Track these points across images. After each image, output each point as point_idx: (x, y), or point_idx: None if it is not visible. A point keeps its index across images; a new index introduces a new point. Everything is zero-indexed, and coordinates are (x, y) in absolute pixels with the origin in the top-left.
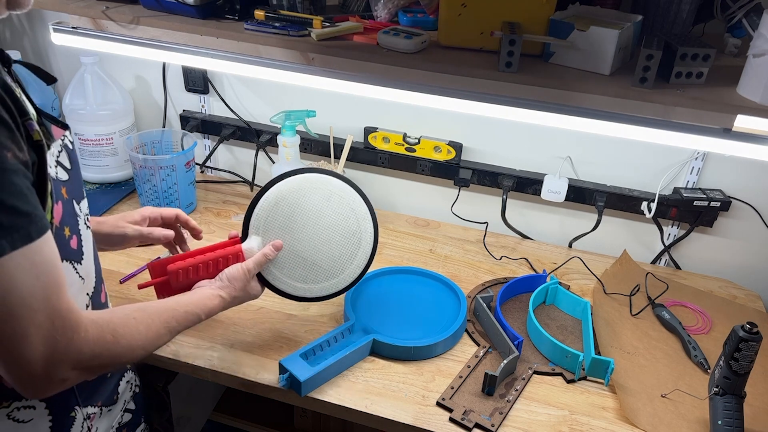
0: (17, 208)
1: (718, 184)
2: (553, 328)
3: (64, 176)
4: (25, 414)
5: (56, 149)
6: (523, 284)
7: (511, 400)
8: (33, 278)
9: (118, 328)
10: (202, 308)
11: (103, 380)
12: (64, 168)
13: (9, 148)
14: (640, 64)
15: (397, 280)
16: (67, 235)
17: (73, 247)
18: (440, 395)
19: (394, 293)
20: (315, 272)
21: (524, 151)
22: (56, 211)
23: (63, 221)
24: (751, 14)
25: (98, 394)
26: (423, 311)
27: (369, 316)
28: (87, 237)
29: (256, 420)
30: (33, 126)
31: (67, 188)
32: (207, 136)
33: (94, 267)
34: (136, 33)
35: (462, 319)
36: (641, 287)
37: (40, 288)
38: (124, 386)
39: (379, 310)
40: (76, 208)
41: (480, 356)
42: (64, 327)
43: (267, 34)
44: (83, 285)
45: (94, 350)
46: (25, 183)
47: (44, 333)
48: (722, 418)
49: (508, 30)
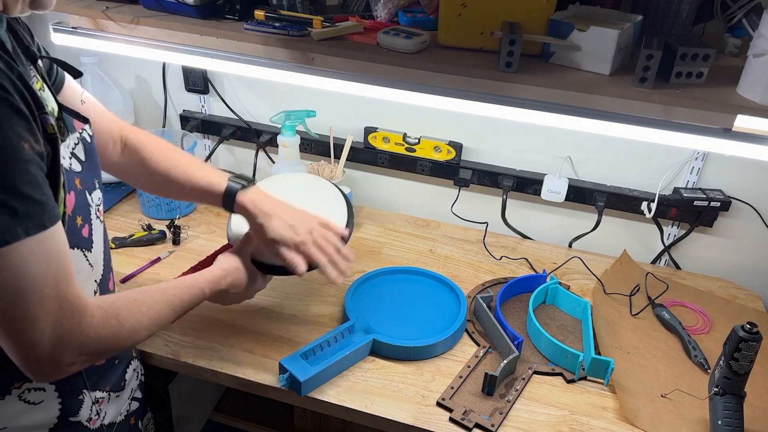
0: (32, 197)
1: (718, 184)
2: (553, 328)
3: (78, 167)
4: (36, 396)
5: (73, 141)
6: (523, 284)
7: (511, 400)
8: (44, 264)
9: (122, 311)
10: (203, 281)
11: (110, 366)
12: (78, 159)
13: (26, 140)
14: (640, 64)
15: (397, 279)
16: (80, 224)
17: (84, 236)
18: (440, 395)
19: (394, 293)
20: None
21: (524, 151)
22: (69, 200)
23: (75, 210)
24: (751, 14)
25: (106, 378)
26: (423, 311)
27: (369, 316)
28: (97, 227)
29: (256, 420)
30: (48, 119)
31: (80, 179)
32: (207, 136)
33: (104, 256)
34: (136, 33)
35: (462, 319)
36: (641, 287)
37: (51, 274)
38: (131, 374)
39: (379, 310)
40: (88, 198)
41: (480, 356)
42: (72, 312)
43: (267, 34)
44: (92, 272)
45: (99, 334)
46: (40, 174)
47: (53, 318)
48: (722, 418)
49: (508, 30)
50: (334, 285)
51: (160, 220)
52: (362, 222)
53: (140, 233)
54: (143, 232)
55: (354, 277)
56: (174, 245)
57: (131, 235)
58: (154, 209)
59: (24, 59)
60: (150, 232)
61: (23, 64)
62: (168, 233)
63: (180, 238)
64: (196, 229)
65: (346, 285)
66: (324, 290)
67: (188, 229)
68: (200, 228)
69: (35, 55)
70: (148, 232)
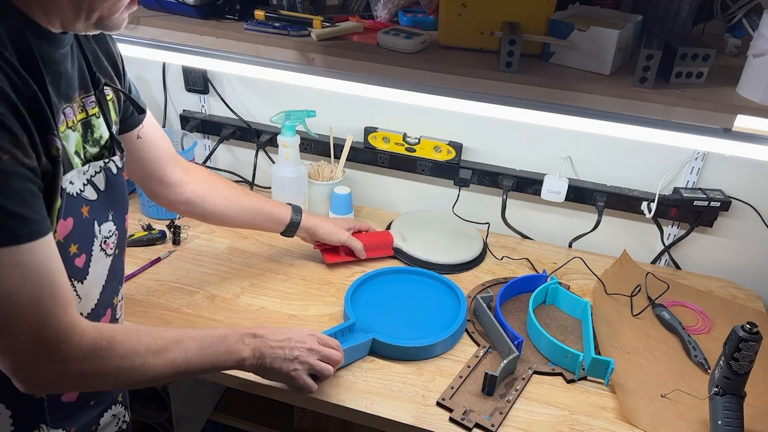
0: (5, 208)
1: (718, 184)
2: (553, 328)
3: (92, 196)
4: None
5: (94, 169)
6: (523, 284)
7: (511, 400)
8: (19, 278)
9: (117, 335)
10: (226, 330)
11: (83, 406)
12: (95, 188)
13: (7, 151)
14: (640, 64)
15: (397, 280)
16: (73, 252)
17: (77, 265)
18: (440, 395)
19: (393, 293)
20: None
21: (524, 151)
22: (62, 226)
23: (70, 237)
24: (751, 14)
25: (73, 418)
26: (423, 311)
27: (369, 317)
28: (99, 259)
29: (256, 420)
30: (54, 141)
31: (91, 207)
32: (207, 136)
33: (102, 291)
34: (136, 33)
35: (462, 319)
36: (641, 287)
37: (27, 288)
38: (107, 419)
39: (379, 310)
40: (95, 228)
41: (480, 356)
42: (57, 330)
43: (267, 34)
44: (79, 304)
45: (85, 355)
46: (26, 187)
47: (32, 334)
48: (722, 418)
49: (508, 30)
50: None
51: (160, 220)
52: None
53: (140, 233)
54: (143, 232)
55: (354, 277)
56: (174, 245)
57: (131, 235)
58: (154, 209)
59: (77, 82)
60: (150, 232)
61: (59, 85)
62: (168, 233)
63: (180, 238)
64: (196, 229)
65: (346, 285)
66: (324, 290)
67: (188, 229)
68: (200, 228)
69: (99, 82)
70: (148, 232)
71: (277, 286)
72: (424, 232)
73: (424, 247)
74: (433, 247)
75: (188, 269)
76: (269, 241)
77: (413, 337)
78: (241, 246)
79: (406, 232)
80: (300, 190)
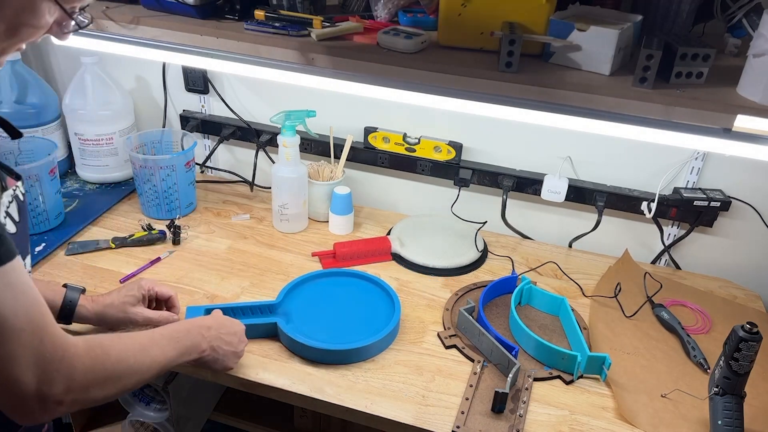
0: None
1: (718, 184)
2: (534, 329)
3: (12, 229)
4: None
5: (7, 199)
6: (497, 288)
7: (522, 415)
8: (11, 299)
9: (104, 340)
10: (186, 324)
11: None
12: (12, 220)
13: None
14: (640, 64)
15: (337, 283)
16: None
17: None
18: (454, 423)
19: (332, 296)
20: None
21: (524, 151)
22: None
23: None
24: (751, 14)
25: None
26: (355, 313)
27: (301, 320)
28: None
29: (256, 420)
30: None
31: (15, 242)
32: (207, 136)
33: None
34: (136, 33)
35: (396, 321)
36: (641, 287)
37: (22, 307)
38: None
39: (310, 314)
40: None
41: (478, 372)
42: (54, 344)
43: (267, 34)
44: None
45: (85, 363)
46: None
47: (34, 352)
48: (722, 418)
49: (508, 30)
50: None
51: (160, 220)
52: (362, 222)
53: (140, 233)
54: (143, 232)
55: (289, 279)
56: (174, 245)
57: (131, 235)
58: (154, 209)
59: None
60: (150, 232)
61: None
62: (168, 233)
63: (180, 238)
64: (196, 229)
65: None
66: None
67: (188, 229)
68: (200, 228)
69: None
70: (148, 232)
71: (277, 286)
72: (423, 236)
73: (423, 251)
74: (432, 251)
75: (188, 269)
76: (269, 241)
77: (344, 341)
78: (241, 246)
79: (405, 237)
80: (300, 190)
